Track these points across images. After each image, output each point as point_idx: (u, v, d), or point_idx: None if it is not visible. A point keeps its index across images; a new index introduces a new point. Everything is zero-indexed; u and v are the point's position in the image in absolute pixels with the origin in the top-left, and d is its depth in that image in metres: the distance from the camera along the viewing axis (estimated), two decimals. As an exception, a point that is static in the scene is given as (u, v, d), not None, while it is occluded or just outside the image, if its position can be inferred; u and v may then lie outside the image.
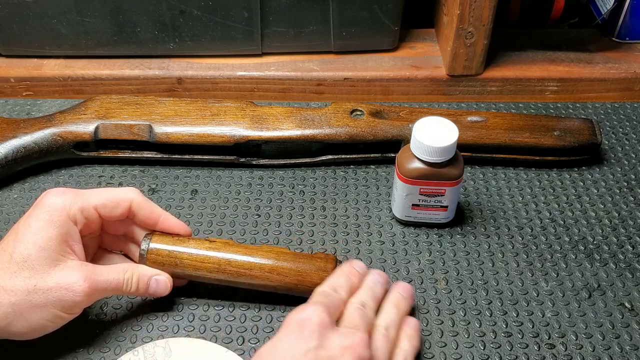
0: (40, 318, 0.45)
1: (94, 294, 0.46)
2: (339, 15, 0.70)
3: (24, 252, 0.45)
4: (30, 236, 0.45)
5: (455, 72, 0.72)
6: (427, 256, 0.57)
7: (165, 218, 0.51)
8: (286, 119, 0.63)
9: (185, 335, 0.50)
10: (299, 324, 0.41)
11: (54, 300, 0.44)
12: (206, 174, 0.64)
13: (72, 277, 0.45)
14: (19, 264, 0.44)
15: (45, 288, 0.44)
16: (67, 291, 0.44)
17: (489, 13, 0.66)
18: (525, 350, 0.50)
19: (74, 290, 0.45)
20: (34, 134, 0.62)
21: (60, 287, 0.44)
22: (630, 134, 0.70)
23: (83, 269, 0.46)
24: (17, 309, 0.44)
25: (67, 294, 0.45)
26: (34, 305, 0.44)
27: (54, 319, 0.45)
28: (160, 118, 0.63)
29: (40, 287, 0.44)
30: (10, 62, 0.73)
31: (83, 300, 0.45)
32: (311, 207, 0.61)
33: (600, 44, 0.77)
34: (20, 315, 0.44)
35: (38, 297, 0.44)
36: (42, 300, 0.44)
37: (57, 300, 0.44)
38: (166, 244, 0.50)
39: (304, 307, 0.43)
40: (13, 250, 0.45)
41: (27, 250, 0.45)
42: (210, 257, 0.50)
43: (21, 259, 0.44)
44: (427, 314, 0.52)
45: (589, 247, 0.57)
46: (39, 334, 0.46)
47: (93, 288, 0.46)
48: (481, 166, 0.65)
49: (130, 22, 0.70)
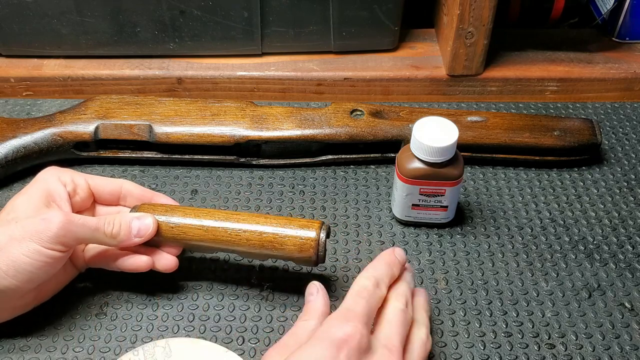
0: (19, 253, 0.45)
1: (70, 227, 0.46)
2: (339, 15, 0.70)
3: (13, 203, 0.48)
4: (21, 193, 0.49)
5: (455, 72, 0.72)
6: (427, 256, 0.57)
7: (157, 198, 0.53)
8: (286, 119, 0.63)
9: (185, 335, 0.50)
10: (337, 343, 0.39)
11: (31, 232, 0.45)
12: (206, 174, 0.64)
13: (52, 211, 0.47)
14: (7, 211, 0.48)
15: (24, 223, 0.46)
16: (42, 221, 0.45)
17: (489, 13, 0.66)
18: (525, 350, 0.50)
19: (49, 219, 0.45)
20: (34, 134, 0.62)
21: (38, 220, 0.46)
22: (630, 134, 0.70)
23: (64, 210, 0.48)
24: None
25: (42, 223, 0.45)
26: (13, 239, 0.45)
27: (32, 254, 0.45)
28: (160, 118, 0.63)
29: (20, 223, 0.46)
30: (10, 62, 0.73)
31: (60, 232, 0.45)
32: (311, 207, 0.61)
33: (600, 44, 0.77)
34: (1, 252, 0.45)
35: (17, 231, 0.45)
36: (20, 233, 0.45)
37: (34, 231, 0.45)
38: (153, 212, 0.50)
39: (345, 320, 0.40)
40: (7, 205, 0.49)
41: (15, 202, 0.48)
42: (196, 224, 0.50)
43: (10, 208, 0.48)
44: (427, 314, 0.52)
45: (589, 247, 0.57)
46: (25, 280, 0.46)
47: (69, 219, 0.46)
48: (481, 166, 0.65)
49: (130, 22, 0.70)
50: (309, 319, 0.44)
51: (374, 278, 0.44)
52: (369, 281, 0.43)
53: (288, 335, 0.44)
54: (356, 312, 0.41)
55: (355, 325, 0.40)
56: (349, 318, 0.40)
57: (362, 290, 0.43)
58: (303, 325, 0.44)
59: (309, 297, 0.46)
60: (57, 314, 0.51)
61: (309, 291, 0.47)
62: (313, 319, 0.44)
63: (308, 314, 0.45)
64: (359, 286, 0.43)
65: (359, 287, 0.43)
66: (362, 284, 0.43)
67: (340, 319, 0.40)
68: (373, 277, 0.44)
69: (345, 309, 0.41)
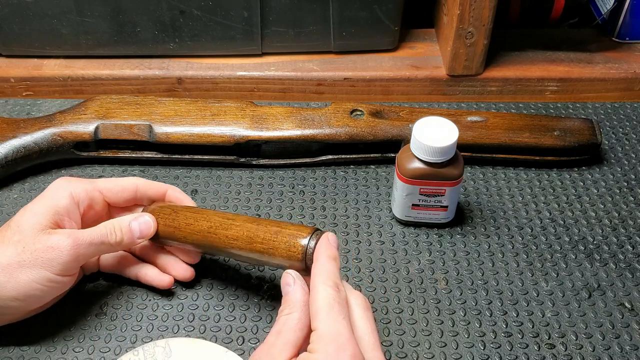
0: (29, 279, 0.45)
1: (79, 251, 0.46)
2: (339, 15, 0.70)
3: (18, 219, 0.47)
4: (29, 206, 0.48)
5: (455, 72, 0.72)
6: (427, 256, 0.57)
7: (171, 192, 0.54)
8: (286, 119, 0.63)
9: (185, 335, 0.50)
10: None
11: (42, 261, 0.45)
12: (206, 174, 0.64)
13: (56, 238, 0.46)
14: (12, 229, 0.47)
15: (33, 249, 0.45)
16: (52, 250, 0.45)
17: (489, 13, 0.66)
18: (525, 350, 0.50)
19: (59, 248, 0.46)
20: (34, 134, 0.62)
21: (46, 247, 0.46)
22: (630, 134, 0.70)
23: (68, 232, 0.47)
24: (7, 270, 0.45)
25: (53, 252, 0.45)
26: (23, 265, 0.45)
27: (43, 281, 0.46)
28: (160, 118, 0.63)
29: (28, 248, 0.45)
30: (10, 62, 0.73)
31: (70, 258, 0.46)
32: (311, 207, 0.61)
33: (600, 44, 0.77)
34: (10, 276, 0.45)
35: (26, 257, 0.45)
36: (30, 260, 0.45)
37: (45, 260, 0.45)
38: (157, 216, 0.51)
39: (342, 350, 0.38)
40: (12, 219, 0.48)
41: (22, 216, 0.47)
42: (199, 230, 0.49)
43: (15, 225, 0.47)
44: (427, 314, 0.52)
45: (589, 247, 0.57)
46: (32, 302, 0.47)
47: (77, 244, 0.46)
48: (481, 166, 0.65)
49: (130, 22, 0.70)
50: (290, 311, 0.42)
51: (333, 282, 0.41)
52: (331, 290, 0.41)
53: (273, 334, 0.41)
54: (345, 335, 0.39)
55: (353, 353, 0.38)
56: (344, 347, 0.38)
57: (333, 304, 0.40)
58: (286, 320, 0.41)
59: (286, 288, 0.43)
60: (57, 314, 0.51)
61: (285, 281, 0.44)
62: (296, 311, 0.42)
63: (289, 306, 0.42)
64: (327, 301, 0.40)
65: (328, 302, 0.40)
66: (328, 296, 0.40)
67: (337, 352, 0.38)
68: (332, 282, 0.41)
69: (335, 334, 0.39)
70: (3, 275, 0.45)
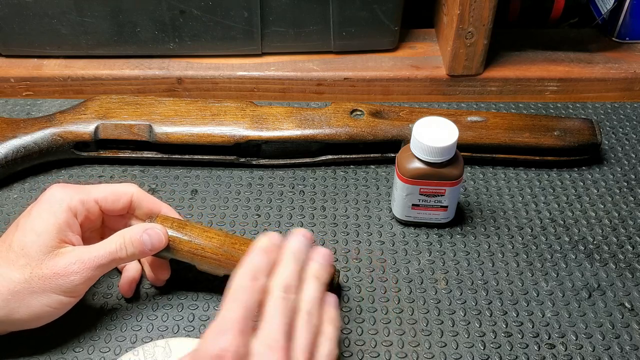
0: (41, 304, 0.45)
1: (90, 273, 0.46)
2: (339, 15, 0.70)
3: (21, 240, 0.46)
4: (29, 224, 0.46)
5: (455, 72, 0.72)
6: (427, 256, 0.57)
7: (166, 211, 0.52)
8: (286, 119, 0.63)
9: (185, 335, 0.50)
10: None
11: (52, 287, 0.45)
12: (206, 174, 0.64)
13: (64, 262, 0.45)
14: (16, 252, 0.45)
15: (41, 275, 0.45)
16: (62, 277, 0.45)
17: (489, 13, 0.66)
18: (525, 350, 0.50)
19: (68, 274, 0.45)
20: (34, 134, 0.62)
21: (55, 274, 0.45)
22: (630, 134, 0.70)
23: (75, 252, 0.46)
24: (17, 297, 0.44)
25: (63, 279, 0.45)
26: (33, 292, 0.45)
27: (55, 304, 0.46)
28: (160, 118, 0.63)
29: (36, 274, 0.45)
30: (10, 62, 0.73)
31: (80, 282, 0.46)
32: (311, 207, 0.61)
33: (600, 44, 0.77)
34: (21, 302, 0.45)
35: (36, 284, 0.45)
36: (40, 286, 0.45)
37: (55, 286, 0.45)
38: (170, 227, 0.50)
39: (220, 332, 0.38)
40: (12, 239, 0.46)
41: (24, 237, 0.46)
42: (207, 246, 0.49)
43: (18, 247, 0.45)
44: (427, 314, 0.52)
45: (589, 247, 0.57)
46: (44, 321, 0.47)
47: (87, 268, 0.46)
48: (481, 166, 0.65)
49: (130, 22, 0.70)
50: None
51: (250, 271, 0.41)
52: (244, 277, 0.41)
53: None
54: (231, 320, 0.39)
55: (229, 337, 0.38)
56: (223, 330, 0.38)
57: (237, 289, 0.40)
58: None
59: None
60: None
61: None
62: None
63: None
64: (234, 286, 0.41)
65: (235, 286, 0.41)
66: (237, 283, 0.41)
67: (214, 333, 0.38)
68: (249, 271, 0.41)
69: (221, 319, 0.39)
70: (14, 301, 0.44)
